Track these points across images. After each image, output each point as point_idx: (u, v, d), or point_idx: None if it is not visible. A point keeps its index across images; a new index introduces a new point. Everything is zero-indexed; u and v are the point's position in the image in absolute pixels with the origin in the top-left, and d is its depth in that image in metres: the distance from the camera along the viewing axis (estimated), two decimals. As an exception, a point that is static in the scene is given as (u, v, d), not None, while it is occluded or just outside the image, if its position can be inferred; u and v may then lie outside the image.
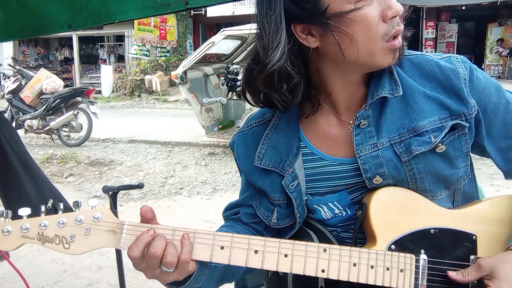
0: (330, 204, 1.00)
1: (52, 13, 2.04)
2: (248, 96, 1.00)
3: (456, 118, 0.91)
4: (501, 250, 0.91)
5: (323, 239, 1.01)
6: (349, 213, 1.00)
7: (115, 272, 2.37)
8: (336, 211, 1.00)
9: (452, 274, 0.88)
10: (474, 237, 0.92)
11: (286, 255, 0.86)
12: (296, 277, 1.01)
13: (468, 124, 0.91)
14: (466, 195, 1.00)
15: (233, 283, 1.26)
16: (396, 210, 0.92)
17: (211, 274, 0.94)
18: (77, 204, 0.86)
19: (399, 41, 0.88)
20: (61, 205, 0.86)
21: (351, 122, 0.97)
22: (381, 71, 0.94)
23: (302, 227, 1.04)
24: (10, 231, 0.82)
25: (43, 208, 0.85)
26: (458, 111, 0.91)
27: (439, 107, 0.92)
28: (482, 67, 15.49)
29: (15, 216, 0.83)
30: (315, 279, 0.98)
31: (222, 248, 0.86)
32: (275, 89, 0.92)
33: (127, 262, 3.61)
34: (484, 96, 0.94)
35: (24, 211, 0.83)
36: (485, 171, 5.18)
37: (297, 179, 0.98)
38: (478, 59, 15.89)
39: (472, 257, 0.91)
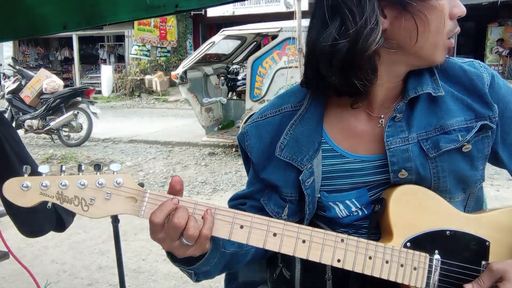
0: (347, 201, 0.98)
1: (47, 14, 2.04)
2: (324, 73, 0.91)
3: (482, 120, 0.93)
4: None
5: None
6: (365, 212, 0.99)
7: (115, 272, 2.37)
8: (353, 209, 0.99)
9: (468, 286, 0.88)
10: (487, 243, 0.92)
11: (304, 241, 0.86)
12: (304, 279, 1.01)
13: (494, 126, 0.93)
14: (477, 199, 1.02)
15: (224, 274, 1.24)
16: (414, 208, 0.92)
17: (220, 259, 0.94)
18: (98, 168, 0.84)
19: (453, 41, 0.91)
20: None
21: (382, 116, 0.97)
22: (421, 70, 0.95)
23: (312, 222, 1.03)
24: (29, 186, 0.80)
25: (64, 167, 0.84)
26: (483, 114, 0.93)
27: (465, 108, 0.94)
28: (482, 67, 15.46)
29: (34, 173, 0.81)
30: (322, 282, 0.99)
31: (241, 227, 0.85)
32: (361, 68, 0.87)
33: (127, 262, 3.61)
34: (503, 102, 0.95)
35: (44, 168, 0.81)
36: (485, 171, 5.18)
37: (313, 175, 0.96)
38: (478, 59, 15.87)
39: (483, 262, 0.92)
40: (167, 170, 6.26)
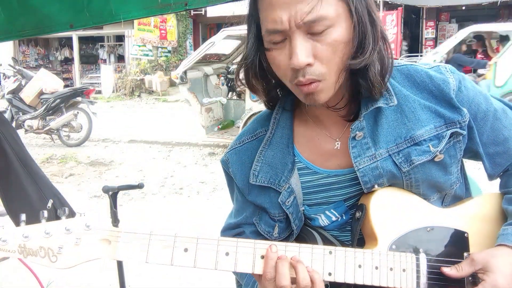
0: (327, 212, 1.02)
1: (53, 12, 2.04)
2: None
3: (451, 126, 0.93)
4: (491, 246, 0.93)
5: (324, 238, 1.03)
6: (344, 218, 1.02)
7: (115, 272, 2.37)
8: (333, 218, 1.02)
9: (446, 270, 0.89)
10: (465, 234, 0.94)
11: None
12: None
13: (464, 132, 0.93)
14: (456, 197, 1.03)
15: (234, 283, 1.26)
16: (394, 210, 0.93)
17: None
18: (64, 212, 0.77)
19: (308, 87, 0.85)
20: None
21: (337, 139, 0.98)
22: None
23: (305, 227, 1.05)
24: None
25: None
26: (453, 119, 0.93)
27: (434, 115, 0.93)
28: (482, 67, 15.50)
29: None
30: None
31: (227, 254, 0.83)
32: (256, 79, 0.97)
33: (127, 263, 3.60)
34: (474, 104, 0.96)
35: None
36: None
37: (293, 193, 0.99)
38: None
39: (465, 254, 0.93)
40: (167, 170, 6.27)
